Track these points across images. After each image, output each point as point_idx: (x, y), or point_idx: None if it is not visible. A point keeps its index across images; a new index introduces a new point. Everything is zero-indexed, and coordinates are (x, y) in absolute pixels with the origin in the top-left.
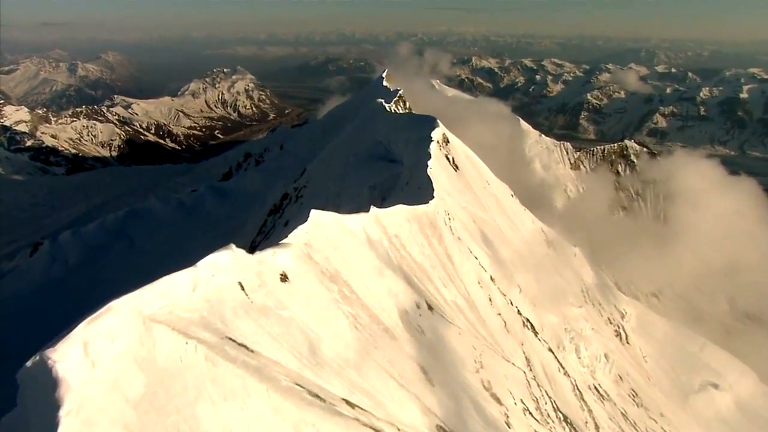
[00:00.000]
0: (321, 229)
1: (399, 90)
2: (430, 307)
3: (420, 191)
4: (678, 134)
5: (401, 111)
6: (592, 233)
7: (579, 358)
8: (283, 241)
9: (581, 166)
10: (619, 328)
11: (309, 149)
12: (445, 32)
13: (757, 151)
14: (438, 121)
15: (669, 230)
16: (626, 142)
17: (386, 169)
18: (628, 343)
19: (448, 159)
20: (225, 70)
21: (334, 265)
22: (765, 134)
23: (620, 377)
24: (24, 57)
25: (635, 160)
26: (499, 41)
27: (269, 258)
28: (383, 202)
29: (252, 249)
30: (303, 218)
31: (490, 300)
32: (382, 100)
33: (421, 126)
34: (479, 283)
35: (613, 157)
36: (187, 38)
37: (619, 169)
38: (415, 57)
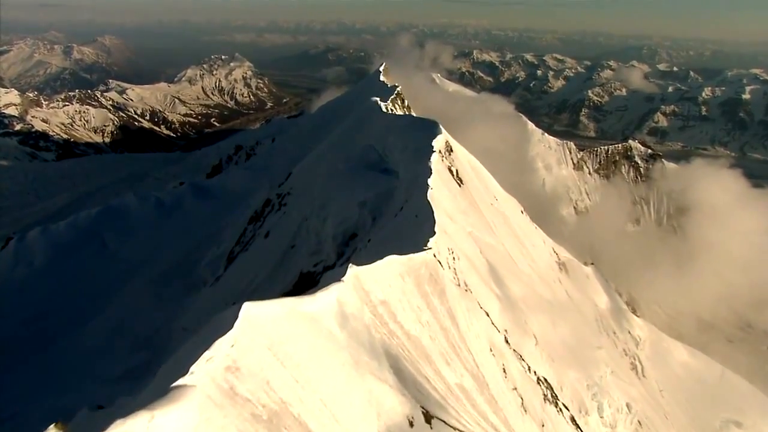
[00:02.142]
0: (258, 334)
1: (397, 87)
2: (428, 418)
3: (418, 221)
4: (679, 134)
5: (399, 111)
6: (597, 245)
7: (602, 417)
8: (180, 381)
9: (584, 167)
10: (634, 359)
11: (298, 147)
12: (446, 24)
13: (758, 153)
14: (440, 126)
15: (687, 247)
16: (630, 142)
17: (379, 181)
18: (644, 375)
19: (451, 172)
20: (223, 57)
21: (279, 393)
22: (766, 136)
23: (640, 423)
24: (18, 38)
25: (639, 162)
26: (501, 35)
27: (142, 428)
28: (374, 222)
29: (230, 260)
30: (227, 320)
31: (504, 371)
32: (378, 99)
33: (421, 132)
34: (491, 350)
35: (617, 158)
36: (185, 23)
37: (623, 170)
38: (415, 49)
